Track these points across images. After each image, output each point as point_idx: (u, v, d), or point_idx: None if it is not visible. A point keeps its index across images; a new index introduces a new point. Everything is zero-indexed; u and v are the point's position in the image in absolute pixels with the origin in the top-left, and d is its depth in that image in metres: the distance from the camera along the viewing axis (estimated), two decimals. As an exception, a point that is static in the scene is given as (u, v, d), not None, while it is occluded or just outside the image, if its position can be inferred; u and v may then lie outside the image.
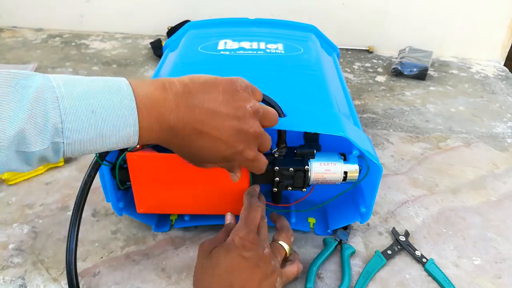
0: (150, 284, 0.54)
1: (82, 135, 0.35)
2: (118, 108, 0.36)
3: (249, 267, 0.46)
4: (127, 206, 0.59)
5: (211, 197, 0.56)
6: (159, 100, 0.39)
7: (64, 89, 0.34)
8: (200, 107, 0.40)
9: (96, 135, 0.36)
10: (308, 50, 0.75)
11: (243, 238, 0.47)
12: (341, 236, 0.60)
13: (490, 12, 1.20)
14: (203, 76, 0.43)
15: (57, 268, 0.55)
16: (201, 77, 0.42)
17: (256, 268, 0.47)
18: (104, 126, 0.36)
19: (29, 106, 0.32)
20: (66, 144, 0.35)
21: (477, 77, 1.16)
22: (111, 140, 0.37)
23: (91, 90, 0.36)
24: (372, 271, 0.55)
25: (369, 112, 0.95)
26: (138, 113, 0.37)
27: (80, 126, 0.35)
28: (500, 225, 0.65)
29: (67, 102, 0.34)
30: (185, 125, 0.40)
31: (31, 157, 0.34)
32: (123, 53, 1.21)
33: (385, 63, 1.22)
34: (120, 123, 0.36)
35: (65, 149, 0.35)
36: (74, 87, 0.35)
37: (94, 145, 0.36)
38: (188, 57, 0.72)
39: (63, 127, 0.34)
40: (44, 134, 0.34)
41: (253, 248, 0.47)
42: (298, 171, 0.53)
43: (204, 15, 1.27)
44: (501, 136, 0.88)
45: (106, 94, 0.36)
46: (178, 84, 0.40)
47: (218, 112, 0.41)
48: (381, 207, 0.67)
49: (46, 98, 0.33)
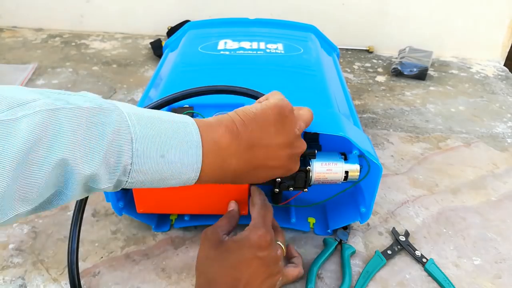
0: (150, 284, 0.54)
1: (147, 176, 0.35)
2: (186, 155, 0.37)
3: (260, 266, 0.47)
4: (127, 206, 0.59)
5: (211, 197, 0.56)
6: (224, 147, 0.39)
7: (138, 129, 0.34)
8: (258, 145, 0.41)
9: (159, 177, 0.36)
10: (308, 50, 0.75)
11: (261, 237, 0.47)
12: (341, 236, 0.60)
13: (490, 12, 1.20)
14: (253, 107, 0.43)
15: (57, 268, 0.55)
16: (252, 109, 0.42)
17: (265, 268, 0.47)
18: (169, 171, 0.36)
19: (106, 146, 0.32)
20: (129, 183, 0.35)
21: (477, 77, 1.16)
22: (170, 182, 0.37)
23: (162, 133, 0.36)
24: (372, 271, 0.55)
25: (369, 112, 0.95)
26: (203, 159, 0.38)
27: (148, 169, 0.35)
28: (500, 225, 0.65)
29: (139, 145, 0.34)
30: (245, 164, 0.41)
31: (93, 191, 0.34)
32: (123, 53, 1.21)
33: (385, 63, 1.22)
34: (184, 169, 0.37)
35: (124, 186, 0.35)
36: (147, 128, 0.35)
37: (152, 184, 0.37)
38: (188, 57, 0.72)
39: (132, 169, 0.34)
40: (114, 174, 0.33)
41: (269, 248, 0.47)
42: (300, 171, 0.53)
43: (204, 15, 1.27)
44: (501, 136, 0.88)
45: (175, 139, 0.36)
46: (238, 126, 0.40)
47: (273, 145, 0.42)
48: (381, 207, 0.67)
49: (121, 139, 0.33)
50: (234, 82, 0.53)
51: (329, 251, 0.57)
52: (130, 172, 0.34)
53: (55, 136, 0.30)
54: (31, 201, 0.30)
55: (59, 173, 0.31)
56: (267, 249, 0.47)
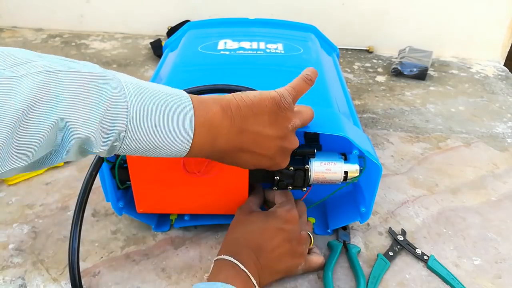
0: (150, 284, 0.54)
1: (140, 144, 0.37)
2: (178, 127, 0.38)
3: (283, 239, 0.50)
4: (127, 205, 0.59)
5: (211, 197, 0.56)
6: (216, 125, 0.40)
7: (134, 98, 0.35)
8: (249, 131, 0.42)
9: (151, 146, 0.37)
10: (308, 50, 0.75)
11: (287, 211, 0.51)
12: (344, 237, 0.59)
13: (490, 12, 1.20)
14: (251, 94, 0.44)
15: (57, 268, 0.55)
16: (249, 96, 0.43)
17: (289, 243, 0.50)
18: (161, 140, 0.37)
19: (102, 111, 0.33)
20: (122, 149, 0.36)
21: (477, 77, 1.16)
22: (161, 152, 0.39)
23: (157, 104, 0.37)
24: (379, 275, 0.54)
25: (369, 112, 0.95)
26: (194, 134, 0.39)
27: (141, 137, 0.36)
28: (500, 225, 0.65)
29: (135, 113, 0.35)
30: (234, 146, 0.42)
31: (87, 154, 0.36)
32: (123, 53, 1.22)
33: (385, 63, 1.22)
34: (176, 140, 0.38)
35: (117, 152, 0.37)
36: (143, 98, 0.36)
37: (145, 153, 0.38)
38: (188, 57, 0.72)
39: (126, 135, 0.35)
40: (108, 138, 0.35)
41: (294, 224, 0.51)
42: (299, 170, 0.53)
43: (204, 15, 1.27)
44: (501, 136, 0.88)
45: (170, 110, 0.37)
46: (233, 109, 0.42)
47: (264, 134, 0.43)
48: (381, 207, 0.67)
49: (117, 106, 0.34)
50: (234, 82, 0.53)
51: (337, 254, 0.57)
52: (124, 138, 0.35)
53: (55, 96, 0.31)
54: (28, 157, 0.31)
55: (57, 132, 0.32)
56: (292, 223, 0.50)
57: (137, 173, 0.53)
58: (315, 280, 0.54)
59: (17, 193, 0.68)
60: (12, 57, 0.30)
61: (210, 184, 0.54)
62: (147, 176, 0.53)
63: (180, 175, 0.53)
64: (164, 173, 0.53)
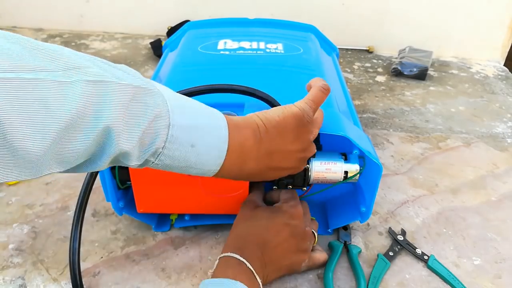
0: (150, 284, 0.54)
1: (174, 162, 0.37)
2: (213, 149, 0.38)
3: (289, 235, 0.50)
4: (127, 205, 0.59)
5: (211, 197, 0.56)
6: (247, 150, 0.41)
7: (177, 116, 0.35)
8: (276, 152, 0.43)
9: (184, 165, 0.37)
10: (307, 50, 0.75)
11: (292, 206, 0.52)
12: (345, 237, 0.59)
13: (490, 12, 1.20)
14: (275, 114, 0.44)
15: (57, 268, 0.55)
16: (273, 116, 0.44)
17: (294, 239, 0.50)
18: (194, 160, 0.37)
19: (145, 126, 0.33)
20: (155, 164, 0.36)
21: (477, 77, 1.16)
22: (191, 170, 0.39)
23: (196, 124, 0.37)
24: (379, 276, 0.54)
25: (369, 112, 0.95)
26: (226, 157, 0.39)
27: (177, 155, 0.36)
28: (500, 225, 0.65)
29: (175, 131, 0.35)
30: (261, 167, 0.43)
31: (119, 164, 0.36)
32: (123, 53, 1.22)
33: (385, 63, 1.22)
34: (208, 161, 0.38)
35: (149, 166, 0.37)
36: (184, 117, 0.36)
37: (175, 170, 0.38)
38: (188, 57, 0.72)
39: (162, 152, 0.35)
40: (144, 153, 0.35)
41: (300, 219, 0.51)
42: None
43: (204, 15, 1.27)
44: (501, 136, 0.88)
45: (206, 131, 0.38)
46: (261, 132, 0.42)
47: (289, 150, 0.44)
48: (381, 207, 0.67)
49: (160, 123, 0.34)
50: (234, 82, 0.53)
51: (338, 254, 0.57)
52: (160, 155, 0.35)
53: (102, 108, 0.30)
54: (67, 164, 0.31)
55: (99, 143, 0.32)
56: (298, 219, 0.51)
57: (137, 173, 0.53)
58: (315, 280, 0.54)
59: (17, 193, 0.68)
60: (64, 58, 0.29)
61: (210, 184, 0.54)
62: (147, 176, 0.53)
63: (180, 175, 0.53)
64: (165, 173, 0.53)
